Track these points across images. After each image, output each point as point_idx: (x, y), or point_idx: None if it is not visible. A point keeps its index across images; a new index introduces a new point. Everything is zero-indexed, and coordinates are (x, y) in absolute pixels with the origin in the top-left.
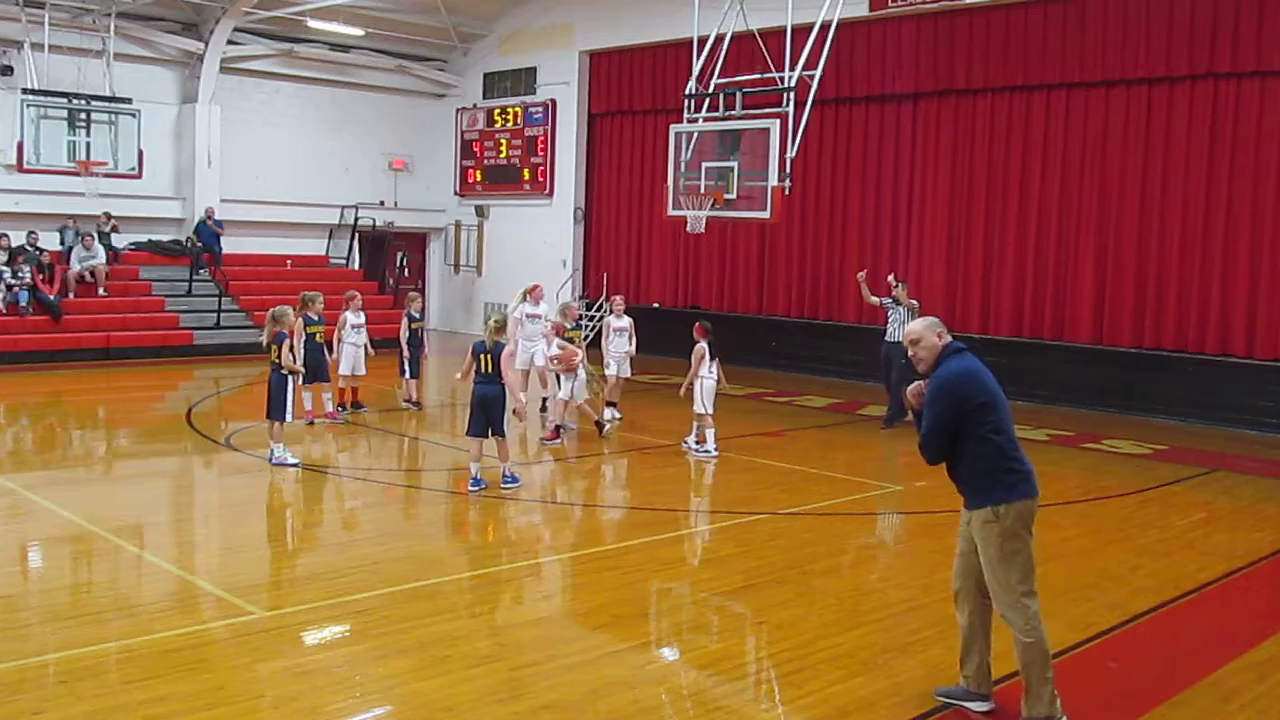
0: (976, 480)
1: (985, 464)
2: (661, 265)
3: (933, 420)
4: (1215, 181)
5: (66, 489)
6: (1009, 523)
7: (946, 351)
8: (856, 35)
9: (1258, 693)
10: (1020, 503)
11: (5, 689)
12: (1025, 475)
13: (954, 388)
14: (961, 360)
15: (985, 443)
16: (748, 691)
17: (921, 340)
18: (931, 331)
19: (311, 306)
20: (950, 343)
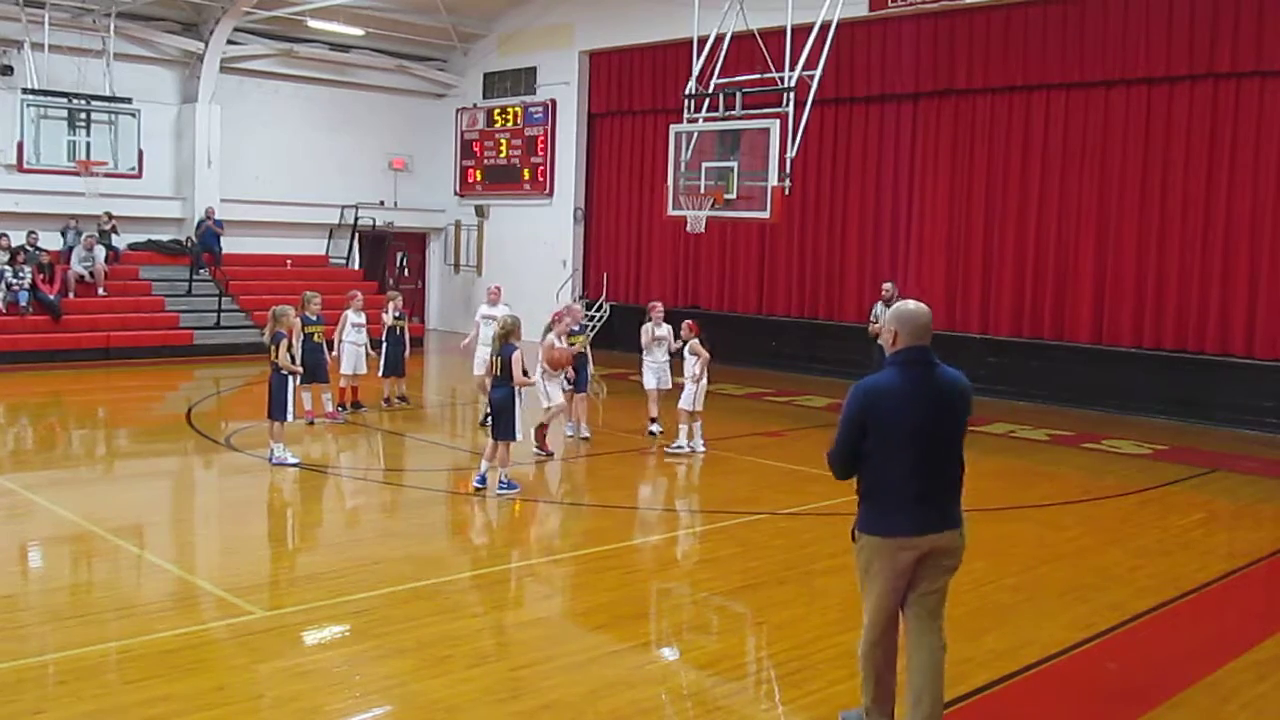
0: (863, 504)
1: (862, 485)
2: (661, 265)
3: (839, 434)
4: (1215, 181)
5: (66, 489)
6: (864, 556)
7: (895, 359)
8: (856, 35)
9: (1257, 693)
10: (872, 538)
11: (5, 689)
12: (889, 510)
13: (852, 399)
14: (892, 372)
15: (866, 462)
16: (748, 691)
17: (880, 336)
18: (889, 331)
19: (309, 306)
20: (904, 350)
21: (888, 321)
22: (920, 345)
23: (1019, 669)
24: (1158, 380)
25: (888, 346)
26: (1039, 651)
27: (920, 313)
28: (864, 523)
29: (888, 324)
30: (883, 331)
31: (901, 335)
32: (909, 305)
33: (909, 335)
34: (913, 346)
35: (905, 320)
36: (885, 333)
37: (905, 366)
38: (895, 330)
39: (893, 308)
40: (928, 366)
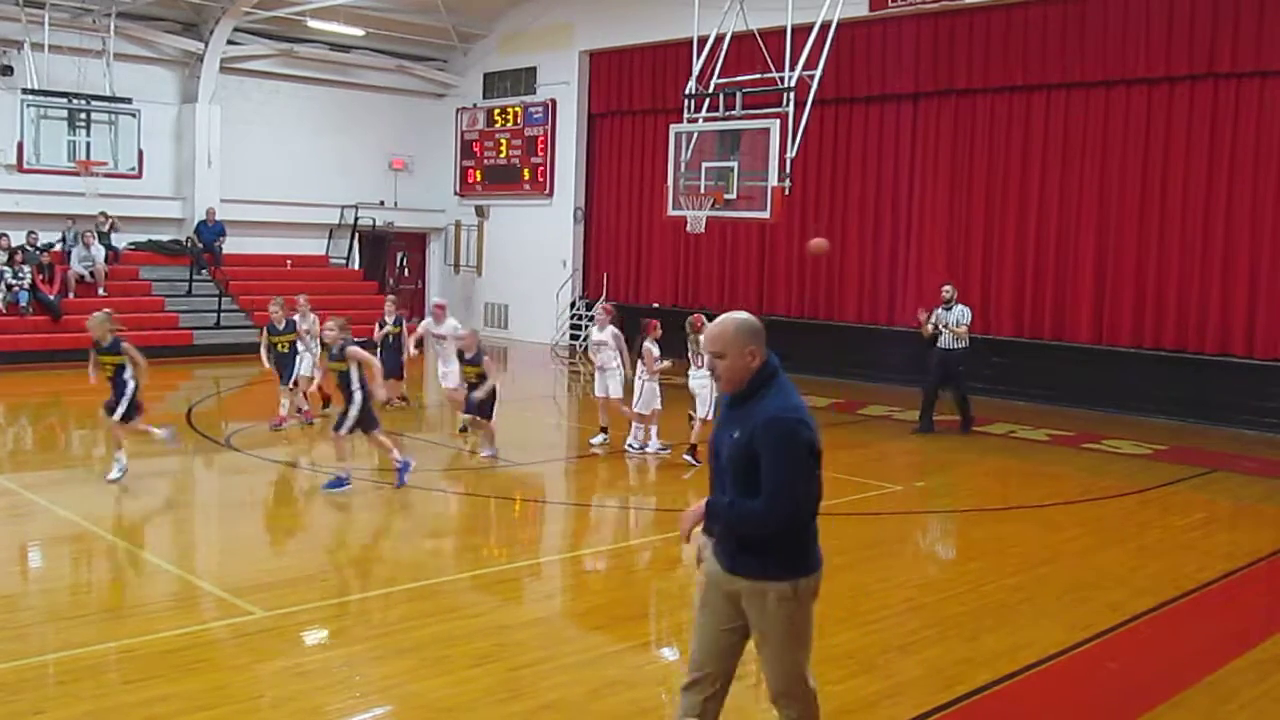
0: (785, 544)
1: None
2: (661, 265)
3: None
4: (1215, 181)
5: (66, 489)
6: (807, 599)
7: (765, 373)
8: (856, 35)
9: (1257, 693)
10: (809, 578)
11: (5, 689)
12: (809, 541)
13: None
14: (791, 391)
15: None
16: (748, 692)
17: (726, 356)
18: (743, 346)
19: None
20: (767, 362)
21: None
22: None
23: (1019, 669)
24: (1158, 380)
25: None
26: (1039, 651)
27: (756, 318)
28: (796, 563)
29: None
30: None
31: (761, 348)
32: (742, 315)
33: (764, 344)
34: (772, 357)
35: (760, 331)
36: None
37: (784, 377)
38: (755, 348)
39: (729, 321)
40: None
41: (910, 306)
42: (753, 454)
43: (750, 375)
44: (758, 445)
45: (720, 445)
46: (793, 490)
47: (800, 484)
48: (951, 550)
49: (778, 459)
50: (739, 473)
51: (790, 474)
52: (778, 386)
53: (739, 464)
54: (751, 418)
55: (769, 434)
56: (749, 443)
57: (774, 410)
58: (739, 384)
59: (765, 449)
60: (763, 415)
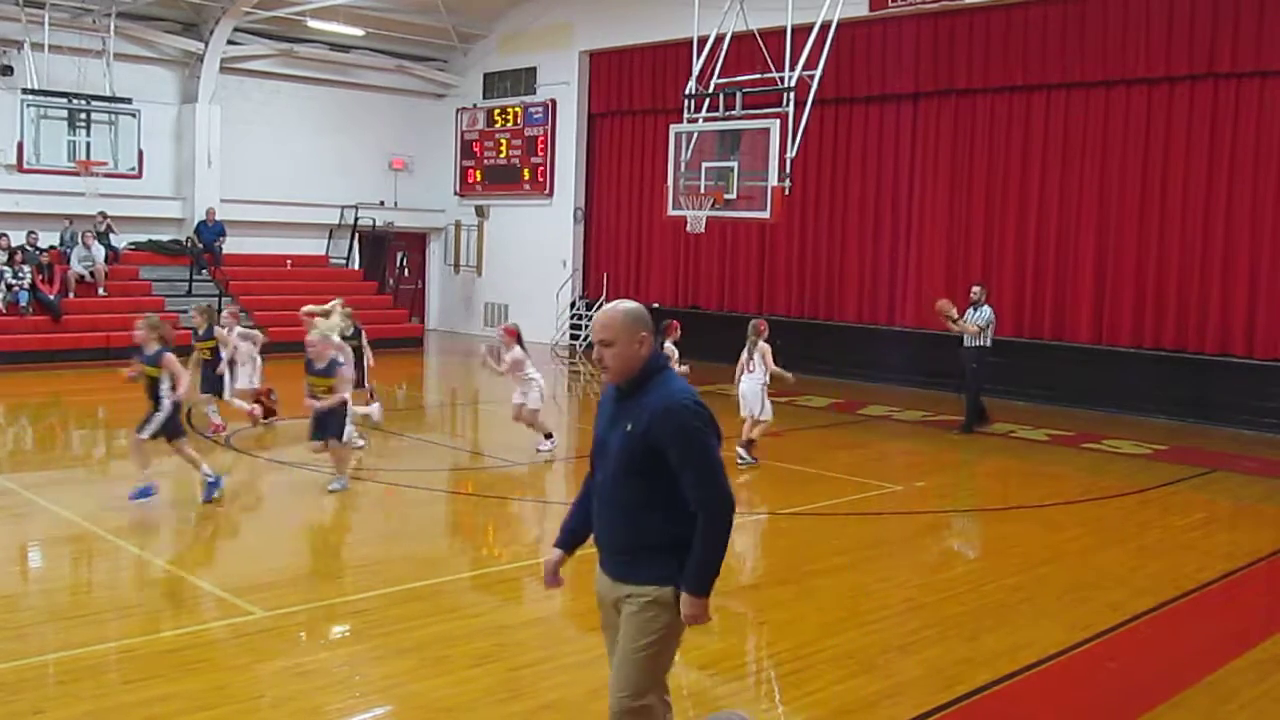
0: (665, 546)
1: (687, 526)
2: (661, 265)
3: (715, 458)
4: (1215, 181)
5: (66, 489)
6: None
7: (656, 364)
8: (856, 35)
9: (1257, 693)
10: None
11: (5, 689)
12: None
13: (705, 418)
14: (678, 380)
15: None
16: (748, 691)
17: (615, 343)
18: (633, 334)
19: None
20: (657, 353)
21: (628, 326)
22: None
23: (1019, 669)
24: (1158, 380)
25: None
26: (1039, 651)
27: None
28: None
29: (627, 331)
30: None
31: (651, 336)
32: (631, 304)
33: (653, 335)
34: (658, 350)
35: (650, 319)
36: (629, 342)
37: (672, 369)
38: (645, 335)
39: (618, 308)
40: None
41: (910, 306)
42: (650, 447)
43: (640, 364)
44: (658, 437)
45: (607, 442)
46: (720, 474)
47: (721, 467)
48: (951, 550)
49: (691, 447)
50: (631, 469)
51: (712, 458)
52: (668, 377)
53: (632, 459)
54: (644, 409)
55: (671, 422)
56: (645, 434)
57: (669, 397)
58: (628, 373)
59: (672, 440)
60: (658, 404)
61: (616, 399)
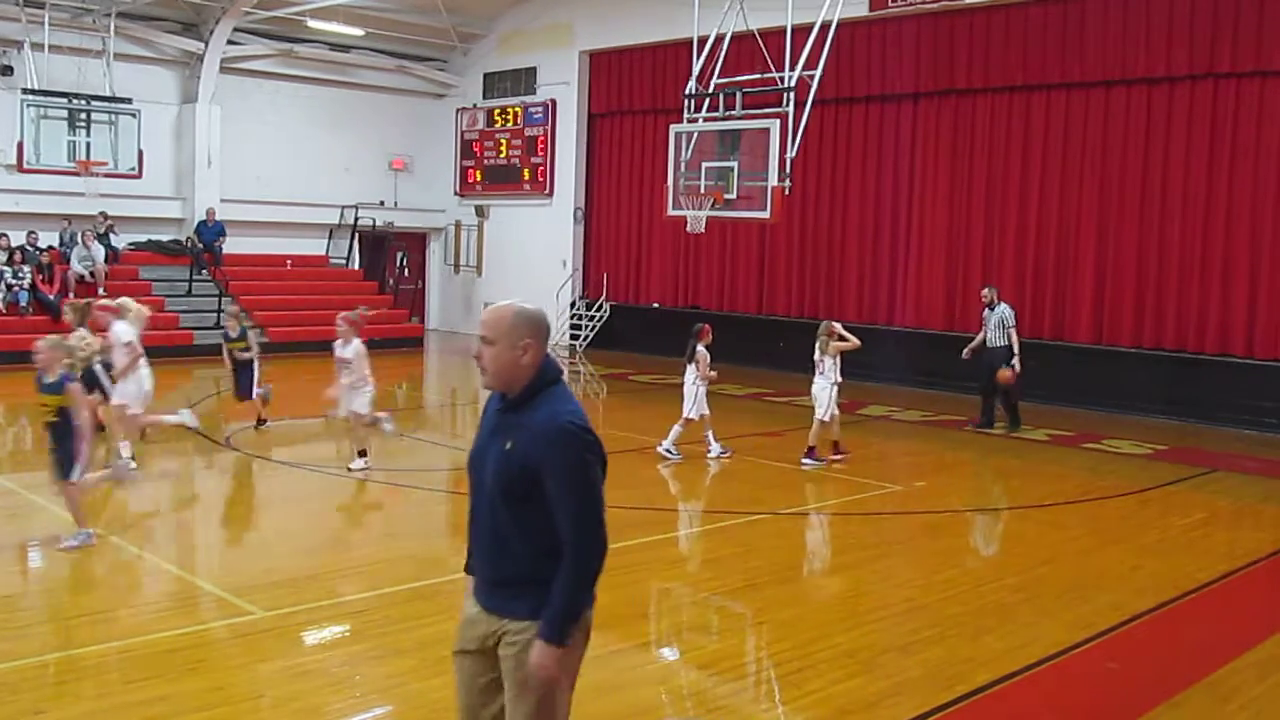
0: (551, 578)
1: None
2: (661, 265)
3: (596, 498)
4: (1215, 181)
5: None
6: (580, 644)
7: (545, 377)
8: (856, 35)
9: (1257, 693)
10: (590, 611)
11: (5, 689)
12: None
13: (591, 442)
14: (570, 398)
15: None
16: (748, 691)
17: (496, 343)
18: (516, 337)
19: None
20: (547, 366)
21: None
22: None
23: (1019, 668)
24: (1158, 380)
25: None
26: (1039, 651)
27: (545, 314)
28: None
29: (521, 332)
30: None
31: (540, 344)
32: (529, 306)
33: (548, 343)
34: (553, 361)
35: (543, 325)
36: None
37: (565, 385)
38: (531, 341)
39: (509, 306)
40: None
41: (910, 306)
42: (528, 469)
43: (519, 372)
44: (537, 461)
45: (485, 459)
46: (598, 513)
47: (601, 505)
48: (951, 550)
49: (570, 478)
50: (508, 493)
51: (593, 494)
52: (558, 394)
53: (510, 482)
54: (526, 427)
55: (553, 447)
56: (524, 456)
57: (555, 418)
58: (506, 381)
59: (552, 468)
60: (541, 424)
61: (500, 409)
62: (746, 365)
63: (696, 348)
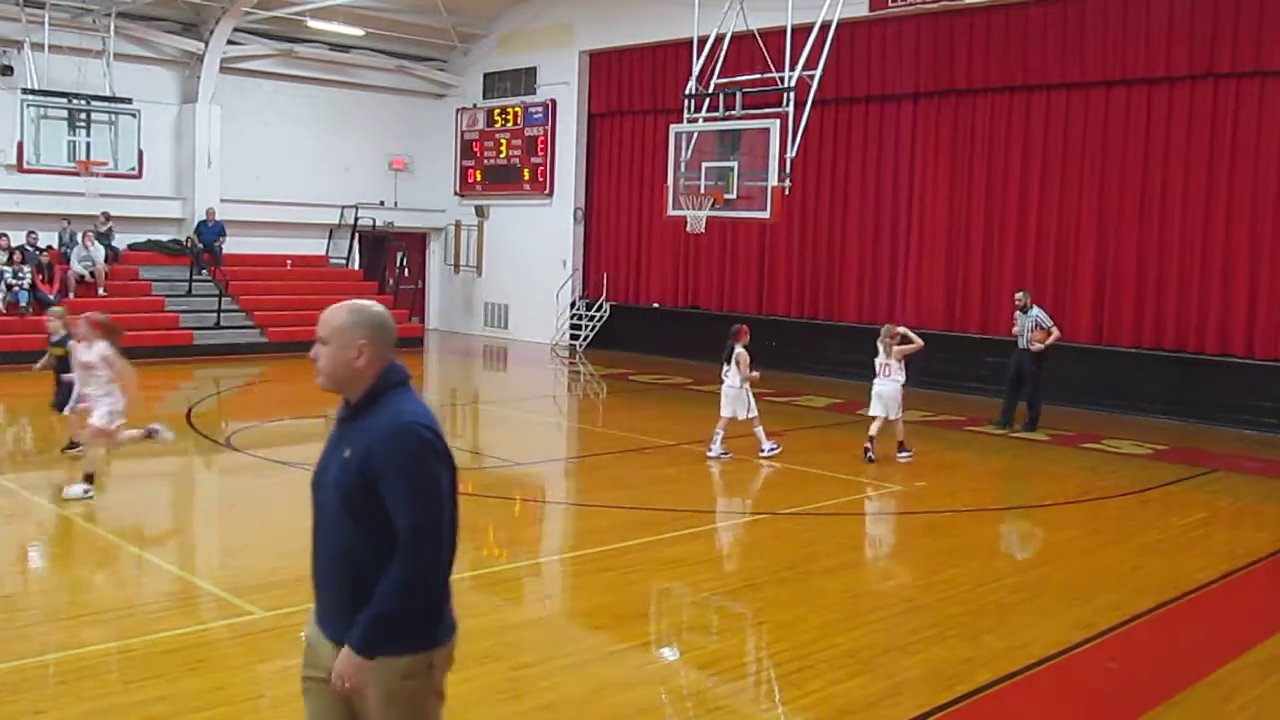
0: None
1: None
2: (661, 265)
3: (437, 500)
4: (1215, 181)
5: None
6: (439, 676)
7: (387, 382)
8: (856, 35)
9: (1258, 692)
10: (438, 650)
11: (5, 689)
12: (446, 599)
13: (432, 446)
14: (416, 400)
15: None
16: (748, 691)
17: (330, 343)
18: (350, 338)
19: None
20: (396, 368)
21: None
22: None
23: (1019, 668)
24: (1158, 380)
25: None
26: (1039, 651)
27: (389, 315)
28: (427, 628)
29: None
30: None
31: (380, 347)
32: (373, 306)
33: (389, 347)
34: (398, 365)
35: (381, 327)
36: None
37: (412, 390)
38: (365, 343)
39: (346, 306)
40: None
41: (910, 306)
42: (368, 479)
43: (353, 374)
44: (377, 465)
45: (326, 471)
46: (439, 510)
47: (445, 513)
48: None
49: (410, 474)
50: (350, 507)
51: (433, 488)
52: (401, 395)
53: (350, 494)
54: (367, 432)
55: (391, 444)
56: (364, 462)
57: (396, 417)
58: (340, 383)
59: (390, 471)
60: (381, 426)
61: (340, 418)
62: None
63: (735, 349)
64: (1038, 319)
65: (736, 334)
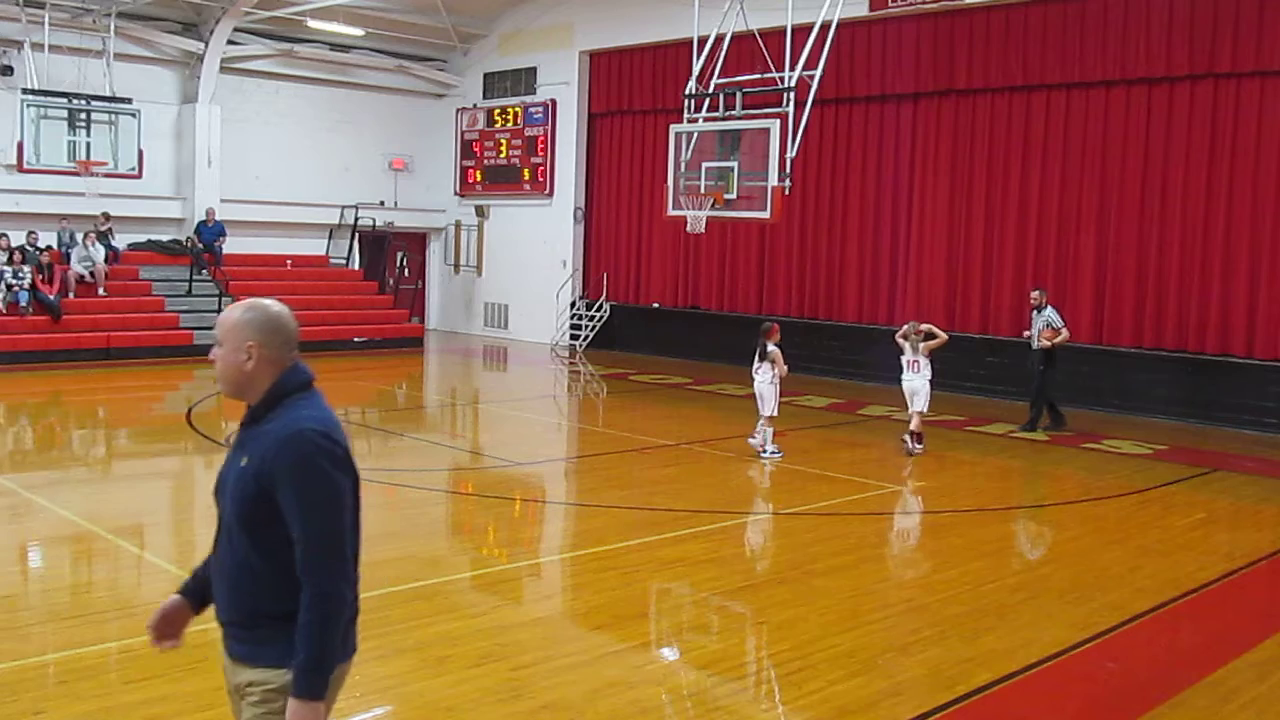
0: (291, 616)
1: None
2: (661, 265)
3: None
4: (1215, 181)
5: (66, 489)
6: (332, 695)
7: (286, 386)
8: (856, 35)
9: (1258, 692)
10: (345, 666)
11: (5, 689)
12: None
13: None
14: (318, 404)
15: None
16: (748, 691)
17: (223, 345)
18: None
19: None
20: (299, 370)
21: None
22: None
23: (1019, 669)
24: (1157, 380)
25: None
26: (1039, 651)
27: (290, 316)
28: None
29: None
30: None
31: (273, 349)
32: (269, 304)
33: (285, 348)
34: (300, 364)
35: (275, 327)
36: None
37: (318, 394)
38: (255, 345)
39: (241, 306)
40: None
41: (910, 306)
42: (263, 489)
43: (245, 378)
44: (271, 475)
45: (225, 480)
46: (337, 537)
47: (346, 523)
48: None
49: (305, 491)
50: (246, 516)
51: (330, 511)
52: (302, 401)
53: (244, 504)
54: (263, 438)
55: (285, 452)
56: (259, 472)
57: (294, 421)
58: (234, 386)
59: (284, 480)
60: (278, 433)
61: (241, 424)
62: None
63: (768, 346)
64: (1049, 319)
65: (768, 332)
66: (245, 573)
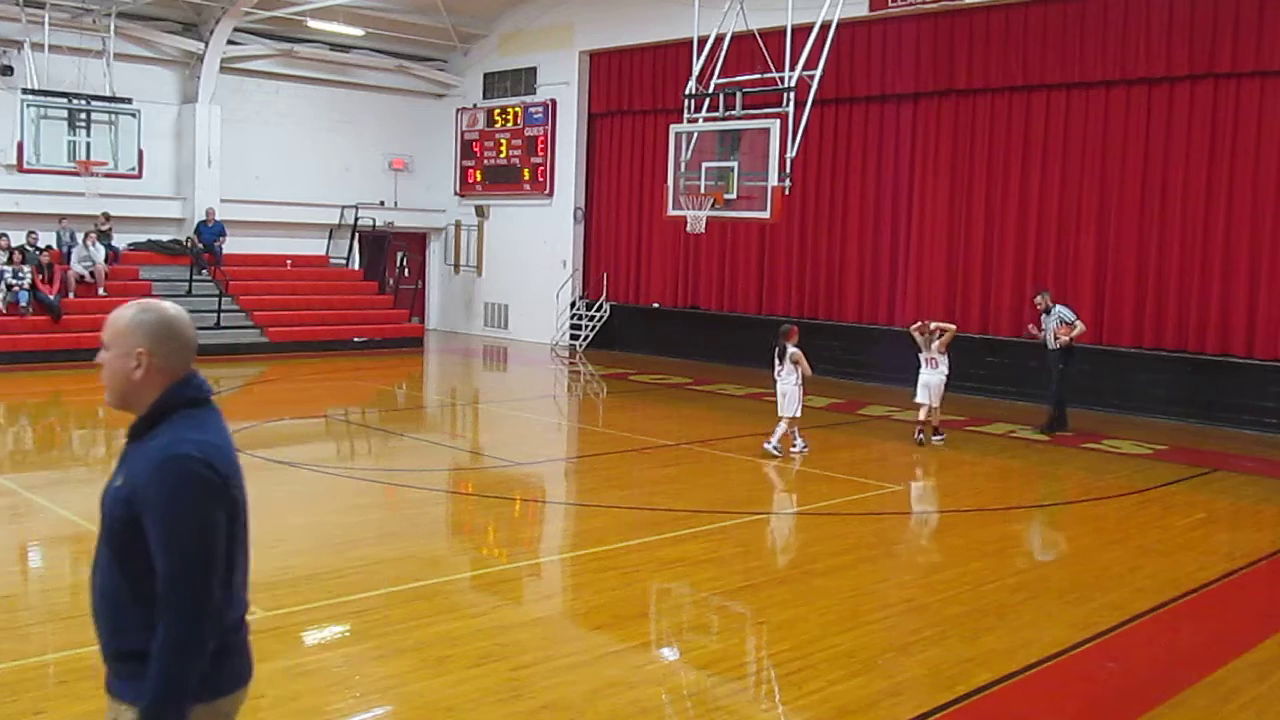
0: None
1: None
2: (661, 265)
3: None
4: (1215, 181)
5: (66, 489)
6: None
7: (174, 399)
8: (856, 35)
9: (1258, 692)
10: (240, 693)
11: (5, 689)
12: (227, 648)
13: (201, 476)
14: (210, 427)
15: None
16: (748, 691)
17: (110, 349)
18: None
19: None
20: (192, 381)
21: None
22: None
23: (1019, 669)
24: (1157, 380)
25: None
26: (1039, 651)
27: (187, 322)
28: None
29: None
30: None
31: (165, 358)
32: (163, 307)
33: (179, 356)
34: (196, 377)
35: (168, 333)
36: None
37: (212, 411)
38: (144, 351)
39: (131, 309)
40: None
41: (910, 306)
42: (133, 511)
43: (132, 387)
44: (142, 500)
45: (103, 500)
46: (201, 571)
47: (211, 560)
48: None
49: (170, 518)
50: (114, 542)
51: (198, 540)
52: (194, 419)
53: (114, 528)
54: (140, 458)
55: (155, 482)
56: (131, 495)
57: (172, 443)
58: (120, 396)
59: (153, 508)
60: (154, 450)
61: (128, 439)
62: (746, 365)
63: (788, 348)
64: (1060, 316)
65: (787, 334)
66: (114, 606)
